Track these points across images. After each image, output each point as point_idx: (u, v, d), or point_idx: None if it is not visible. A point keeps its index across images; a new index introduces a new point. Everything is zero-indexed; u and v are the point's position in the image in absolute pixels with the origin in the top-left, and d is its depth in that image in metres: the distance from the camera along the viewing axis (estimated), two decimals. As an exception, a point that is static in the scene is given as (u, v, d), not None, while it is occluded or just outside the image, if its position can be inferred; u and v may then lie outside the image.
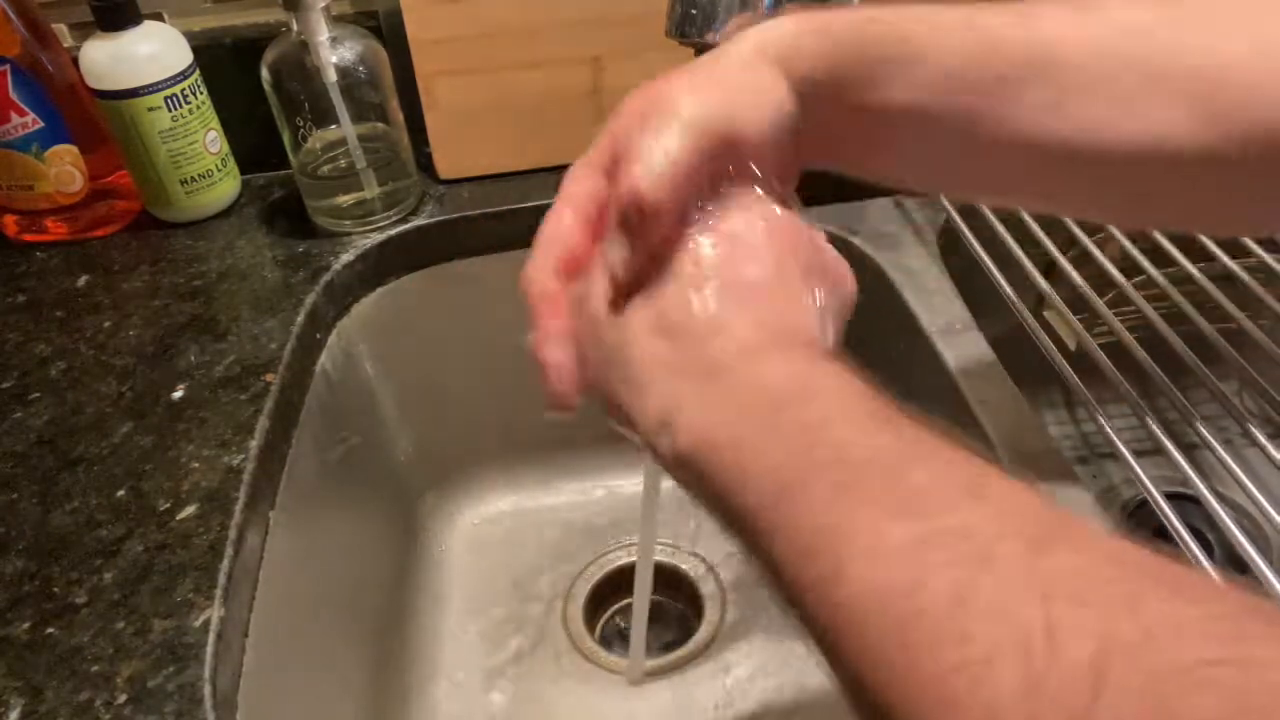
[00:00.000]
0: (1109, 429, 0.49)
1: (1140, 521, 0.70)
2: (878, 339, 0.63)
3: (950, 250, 0.66)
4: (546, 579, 0.75)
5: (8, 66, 0.64)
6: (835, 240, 0.35)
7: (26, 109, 0.66)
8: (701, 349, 0.30)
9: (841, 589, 0.23)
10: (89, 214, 0.71)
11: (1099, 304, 0.58)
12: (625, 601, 0.74)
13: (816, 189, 0.65)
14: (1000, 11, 0.35)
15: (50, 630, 0.43)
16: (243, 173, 0.74)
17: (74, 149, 0.68)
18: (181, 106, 0.66)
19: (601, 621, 0.73)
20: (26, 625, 0.44)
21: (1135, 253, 0.62)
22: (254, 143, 0.74)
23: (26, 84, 0.65)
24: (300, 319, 0.61)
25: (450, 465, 0.80)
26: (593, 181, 0.35)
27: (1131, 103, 0.34)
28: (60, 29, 0.72)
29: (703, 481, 0.28)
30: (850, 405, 0.27)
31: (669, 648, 0.70)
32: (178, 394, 0.56)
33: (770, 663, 0.68)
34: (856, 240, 0.67)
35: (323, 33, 0.61)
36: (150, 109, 0.65)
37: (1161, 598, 0.21)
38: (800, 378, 0.28)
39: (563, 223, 0.35)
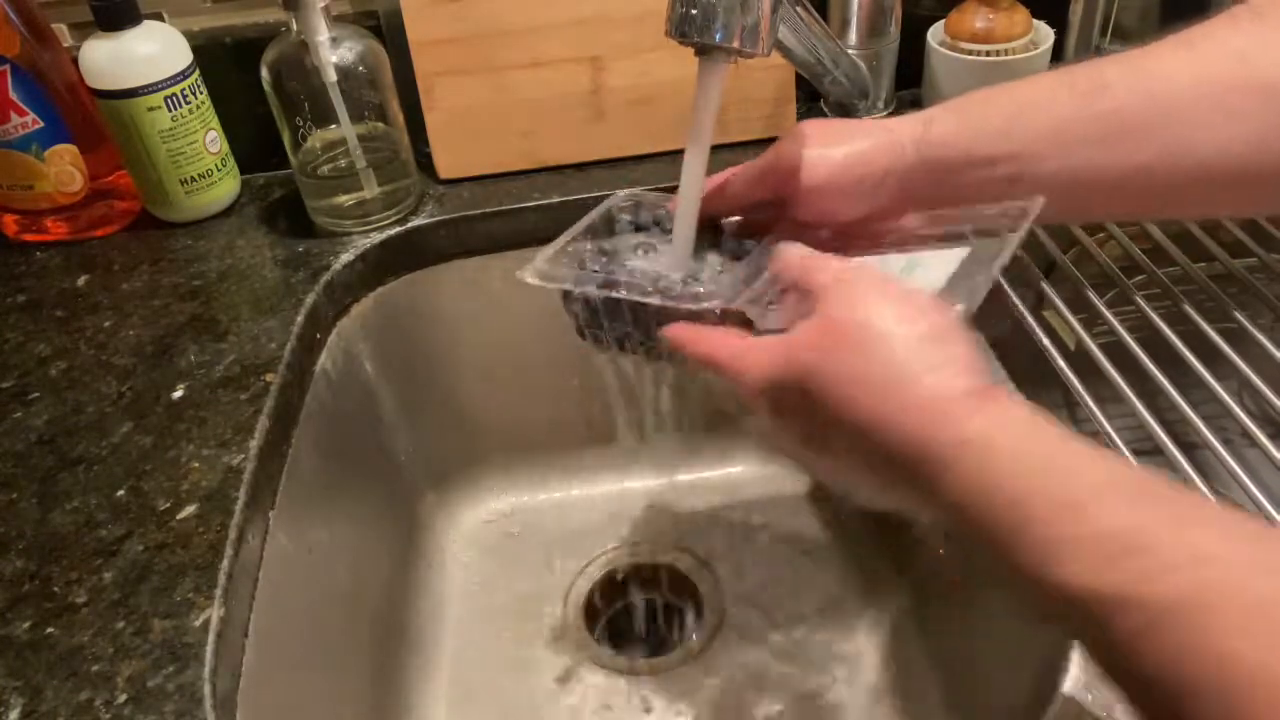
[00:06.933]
0: (1109, 429, 0.49)
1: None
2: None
3: (950, 250, 0.66)
4: (547, 579, 0.75)
5: (8, 66, 0.64)
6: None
7: (26, 109, 0.66)
8: None
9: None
10: (89, 214, 0.71)
11: (1099, 304, 0.58)
12: (625, 601, 0.74)
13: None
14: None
15: (50, 630, 0.44)
16: (243, 173, 0.74)
17: (74, 149, 0.68)
18: (181, 106, 0.66)
19: (602, 621, 0.73)
20: (26, 625, 0.44)
21: (1135, 252, 0.62)
22: (254, 143, 0.74)
23: (26, 84, 0.65)
24: (300, 319, 0.61)
25: (450, 465, 0.80)
26: None
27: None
28: (60, 29, 0.72)
29: None
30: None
31: (669, 647, 0.70)
32: (178, 394, 0.56)
33: (770, 661, 0.68)
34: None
35: (322, 32, 0.61)
36: (150, 109, 0.65)
37: None
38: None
39: None
